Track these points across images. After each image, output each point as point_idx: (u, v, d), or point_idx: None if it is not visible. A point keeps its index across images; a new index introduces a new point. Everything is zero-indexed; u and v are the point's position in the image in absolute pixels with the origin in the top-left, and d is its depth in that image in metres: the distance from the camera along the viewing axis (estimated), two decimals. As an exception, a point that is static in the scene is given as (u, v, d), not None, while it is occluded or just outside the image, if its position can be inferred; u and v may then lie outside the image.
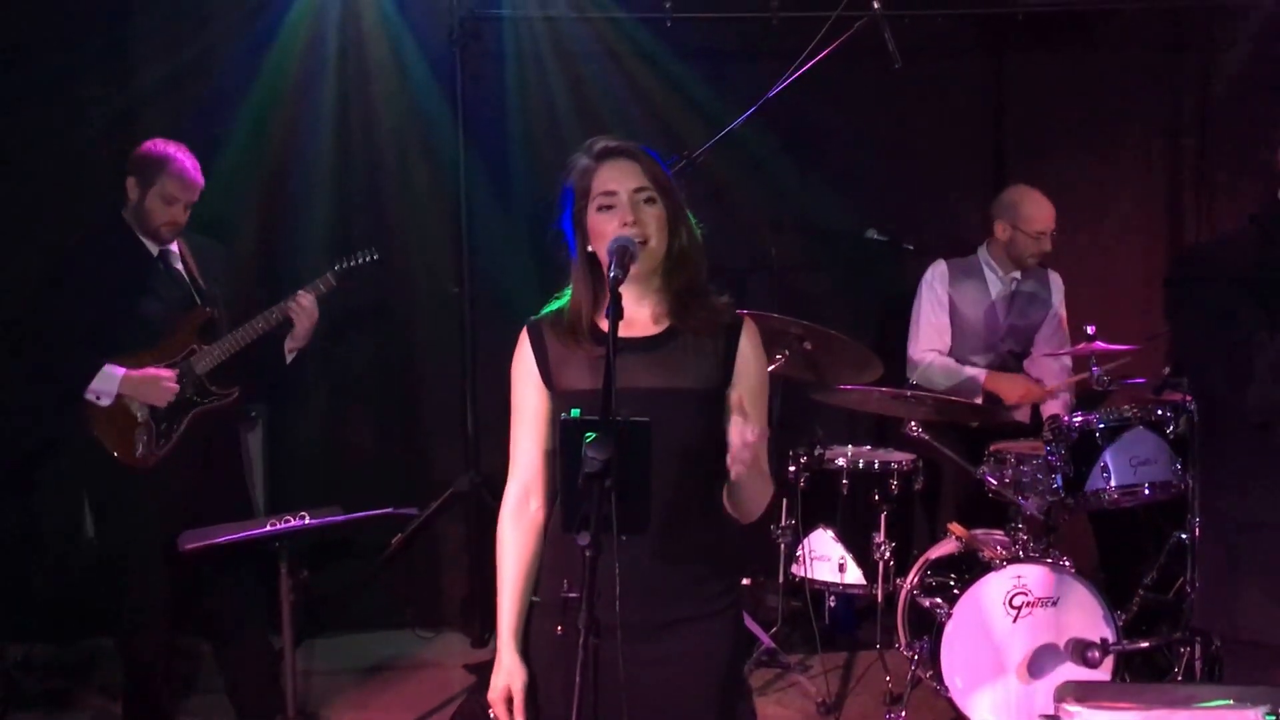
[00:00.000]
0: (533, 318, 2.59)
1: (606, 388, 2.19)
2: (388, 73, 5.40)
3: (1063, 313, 5.25)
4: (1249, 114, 5.46)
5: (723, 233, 2.60)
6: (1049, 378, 5.18)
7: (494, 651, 2.58)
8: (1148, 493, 4.27)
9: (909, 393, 4.50)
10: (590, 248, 2.51)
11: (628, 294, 2.39)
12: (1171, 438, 4.28)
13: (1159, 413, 4.30)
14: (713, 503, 2.52)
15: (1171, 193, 6.02)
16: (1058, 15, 5.65)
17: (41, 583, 5.21)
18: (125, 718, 4.32)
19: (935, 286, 5.19)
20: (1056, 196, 5.14)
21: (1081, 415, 4.36)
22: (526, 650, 2.54)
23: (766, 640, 4.76)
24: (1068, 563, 4.20)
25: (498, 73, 5.48)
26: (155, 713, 4.27)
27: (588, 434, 2.14)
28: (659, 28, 5.39)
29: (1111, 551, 5.10)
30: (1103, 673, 4.09)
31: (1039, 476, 4.39)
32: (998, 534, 4.49)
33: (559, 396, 2.52)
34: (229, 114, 5.08)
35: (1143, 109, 5.96)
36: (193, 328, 4.25)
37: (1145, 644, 4.32)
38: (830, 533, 4.72)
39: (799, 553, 4.74)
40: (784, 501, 4.75)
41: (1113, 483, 4.24)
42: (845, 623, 5.14)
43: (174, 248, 4.29)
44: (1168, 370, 4.45)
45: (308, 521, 3.70)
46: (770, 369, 4.25)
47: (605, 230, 2.45)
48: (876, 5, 4.39)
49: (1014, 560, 4.17)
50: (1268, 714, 2.35)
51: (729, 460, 2.26)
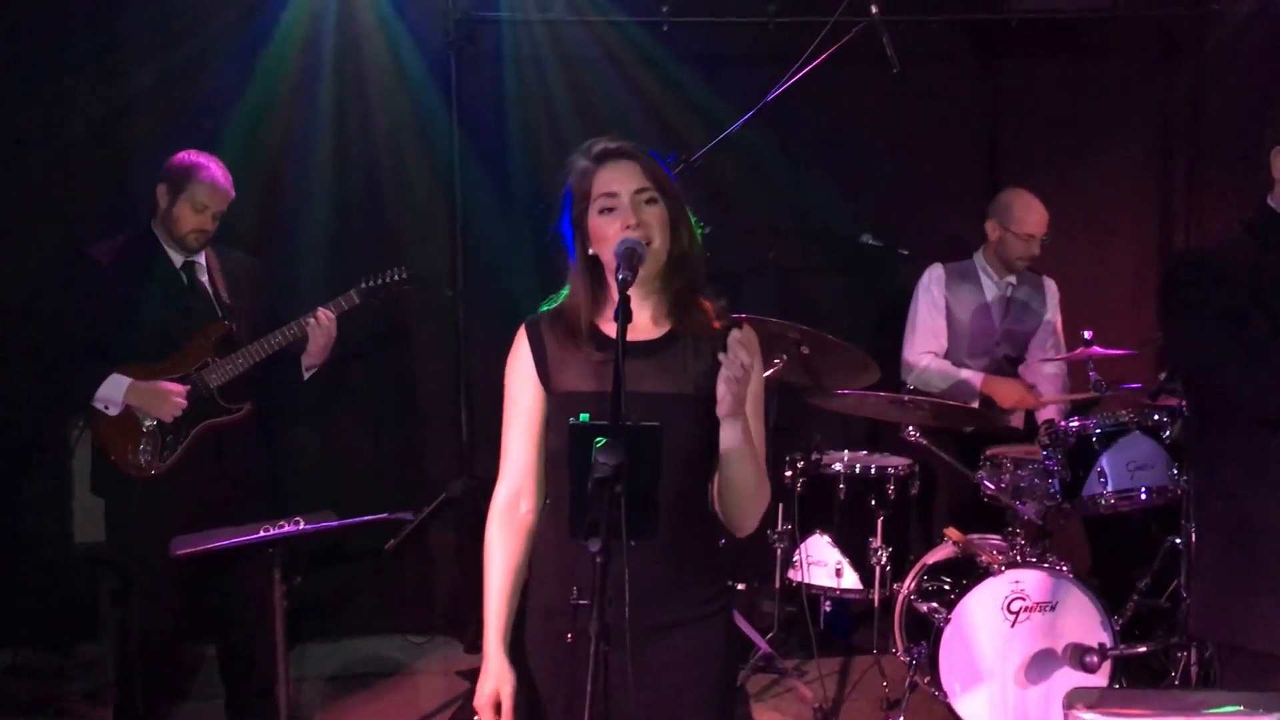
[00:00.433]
0: (531, 317, 2.57)
1: (616, 392, 2.17)
2: (384, 75, 5.36)
3: (1058, 319, 5.26)
4: (1239, 120, 5.49)
5: (720, 236, 2.59)
6: (1045, 384, 5.18)
7: (488, 657, 2.55)
8: (1144, 497, 4.26)
9: (906, 398, 4.49)
10: (591, 250, 2.49)
11: (628, 298, 2.35)
12: (1168, 442, 4.28)
13: (1155, 417, 4.30)
14: (707, 509, 2.51)
15: (1162, 198, 6.02)
16: (1050, 22, 5.65)
17: (29, 587, 5.14)
18: (115, 724, 4.27)
19: (931, 289, 5.19)
20: (1048, 201, 5.14)
21: (1078, 420, 4.36)
22: (518, 655, 2.52)
23: (763, 645, 4.75)
24: (1065, 568, 4.20)
25: (495, 75, 5.45)
26: (147, 721, 4.23)
27: (598, 439, 2.12)
28: (656, 31, 5.38)
29: (1104, 555, 5.12)
30: (1100, 678, 4.09)
31: (1036, 481, 4.40)
32: (993, 539, 4.50)
33: (556, 398, 2.50)
34: (223, 116, 5.03)
35: (1134, 115, 5.97)
36: (209, 341, 4.22)
37: (1143, 649, 4.32)
38: (827, 538, 4.70)
39: (795, 558, 4.73)
40: (780, 506, 4.73)
41: (1109, 487, 4.24)
42: (840, 628, 5.14)
43: (201, 259, 4.27)
44: (1163, 375, 4.46)
45: (302, 527, 3.61)
46: (768, 373, 4.25)
47: (607, 233, 2.44)
48: (875, 10, 4.39)
49: (1012, 565, 4.18)
50: (1278, 720, 2.34)
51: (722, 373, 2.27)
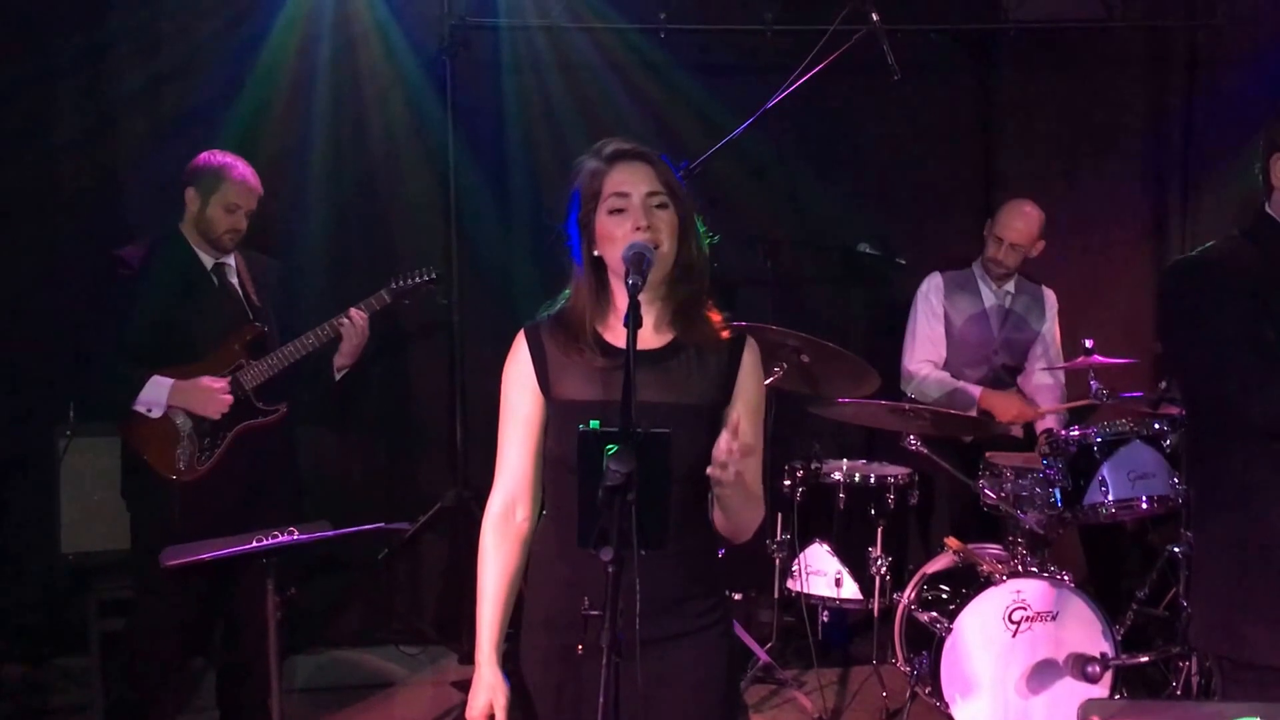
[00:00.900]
0: (530, 322, 2.54)
1: (626, 398, 2.14)
2: (380, 81, 5.34)
3: (1056, 329, 5.24)
4: (1234, 129, 5.48)
5: (717, 244, 2.57)
6: (1043, 393, 5.16)
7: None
8: (1145, 507, 4.26)
9: (907, 406, 4.47)
10: (596, 251, 2.46)
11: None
12: (1168, 451, 4.27)
13: (1156, 426, 4.30)
14: (706, 519, 2.49)
15: (1158, 207, 6.02)
16: (1047, 31, 5.66)
17: (13, 601, 5.07)
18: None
19: (930, 298, 5.18)
20: (1044, 209, 5.13)
21: (1079, 429, 4.35)
22: (512, 667, 2.49)
23: (762, 655, 4.72)
24: (1067, 577, 4.18)
25: (491, 82, 5.43)
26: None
27: (608, 446, 2.09)
28: (654, 39, 5.37)
29: (1099, 564, 5.10)
30: (1102, 688, 4.07)
31: (1037, 490, 4.38)
32: (993, 548, 4.47)
33: (556, 405, 2.47)
34: (213, 123, 4.97)
35: (1130, 124, 5.97)
36: (242, 343, 4.19)
37: (1145, 658, 4.30)
38: (826, 547, 4.68)
39: (794, 567, 4.70)
40: (779, 516, 4.70)
41: (1110, 496, 4.22)
42: (839, 637, 5.11)
43: (231, 261, 4.25)
44: (1164, 384, 4.45)
45: (297, 537, 3.55)
46: (768, 382, 4.22)
47: (615, 234, 2.40)
48: (875, 18, 4.38)
49: (1013, 575, 4.16)
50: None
51: (710, 469, 2.22)
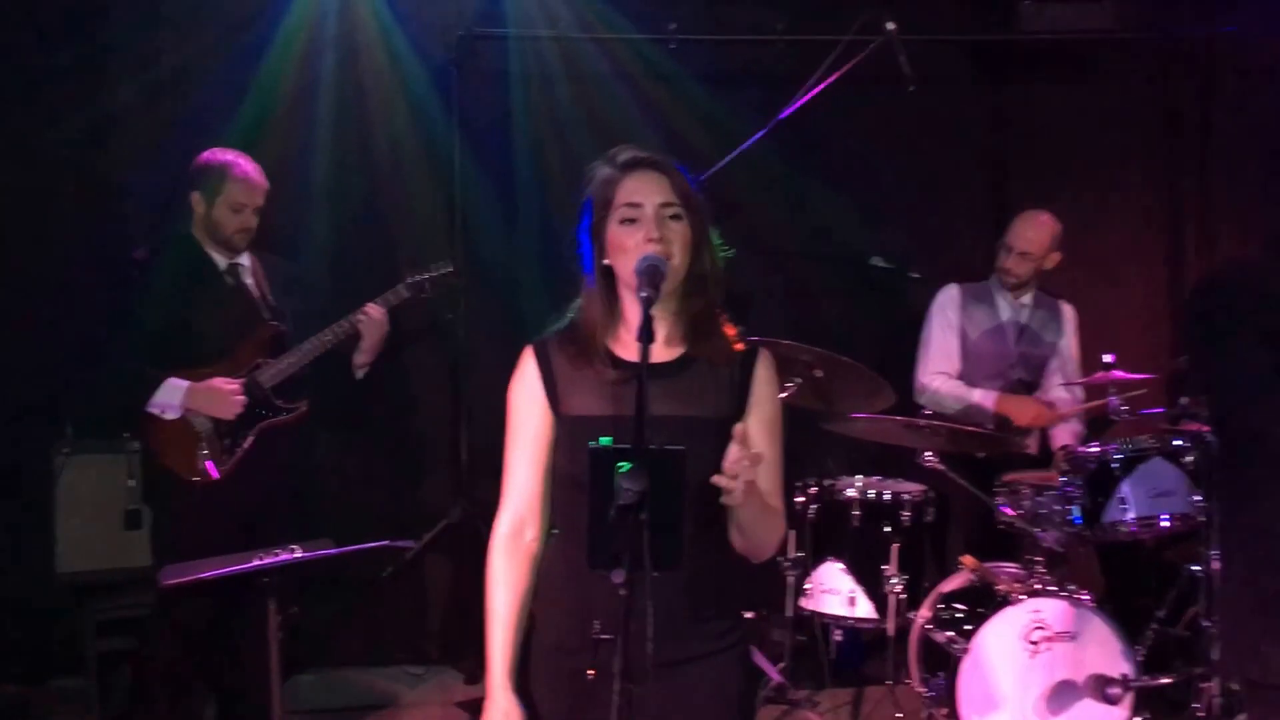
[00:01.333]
0: (538, 338, 2.48)
1: (639, 414, 2.09)
2: (385, 90, 5.29)
3: (1075, 344, 5.16)
4: (1250, 139, 5.43)
5: (732, 257, 2.51)
6: (1061, 408, 5.07)
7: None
8: (1166, 525, 4.18)
9: (922, 422, 4.39)
10: (606, 260, 2.40)
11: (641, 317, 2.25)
12: (1190, 469, 4.19)
13: (1176, 443, 4.22)
14: (722, 537, 2.42)
15: (1173, 220, 5.96)
16: (1059, 43, 5.60)
17: (8, 621, 5.00)
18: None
19: (946, 310, 5.10)
20: (1056, 229, 5.05)
21: (1098, 445, 4.28)
22: (524, 690, 2.43)
23: (775, 675, 4.63)
24: (1086, 597, 4.11)
25: (498, 92, 5.39)
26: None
27: (620, 464, 2.02)
28: (664, 49, 5.32)
29: (1116, 582, 5.00)
30: (1123, 709, 4.01)
31: (1055, 508, 4.30)
32: (1010, 566, 4.40)
33: (566, 421, 2.41)
34: (213, 132, 4.86)
35: (1144, 136, 5.91)
36: (260, 342, 4.18)
37: (1167, 680, 4.21)
38: (840, 565, 4.58)
39: (807, 586, 4.62)
40: (792, 533, 4.62)
41: (1131, 515, 4.15)
42: (852, 657, 5.02)
43: (245, 261, 4.23)
44: (1185, 400, 4.36)
45: (298, 555, 3.48)
46: (782, 397, 4.13)
47: (627, 244, 2.34)
48: (892, 27, 4.32)
49: (1031, 594, 4.08)
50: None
51: (717, 478, 2.16)
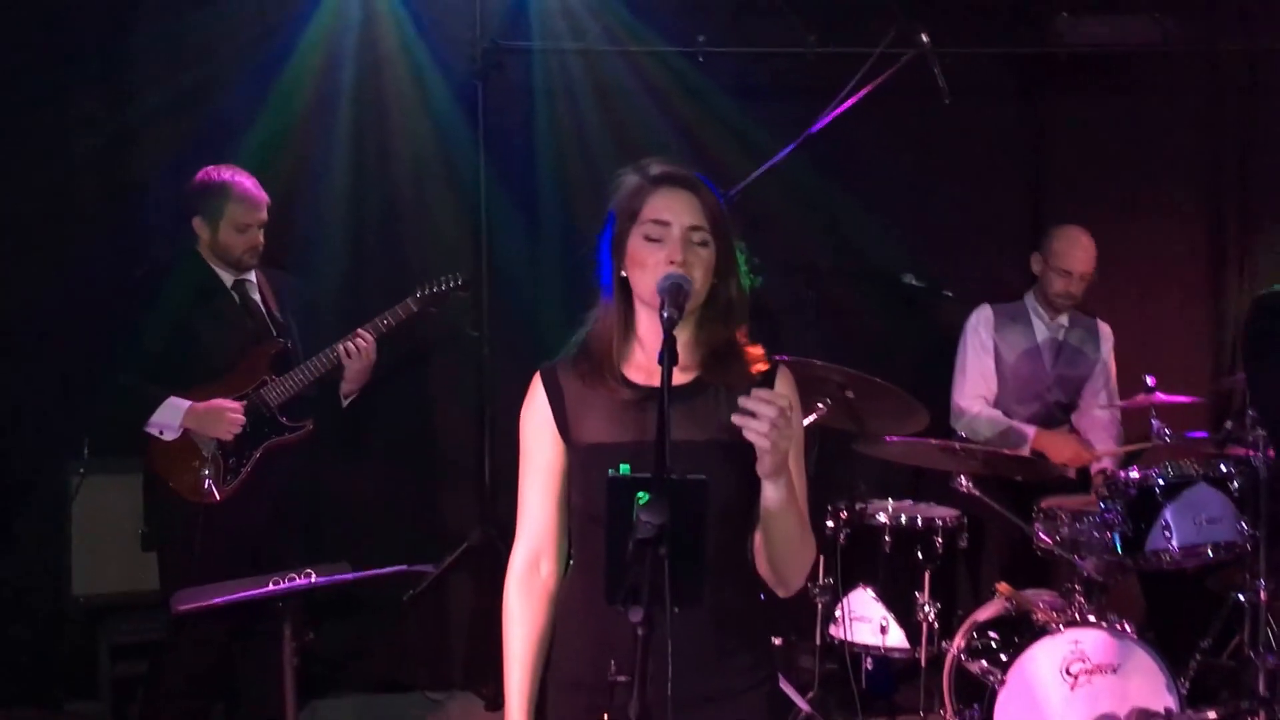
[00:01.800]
0: (547, 363, 2.38)
1: (660, 443, 1.98)
2: (407, 104, 5.22)
3: (1112, 364, 5.06)
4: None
5: (759, 285, 2.40)
6: (1099, 431, 4.97)
7: (510, 714, 2.36)
8: (1211, 554, 4.07)
9: (958, 445, 4.28)
10: (624, 273, 2.29)
11: (660, 337, 2.12)
12: (1236, 495, 4.08)
13: (1222, 468, 4.12)
14: (744, 567, 2.31)
15: (1214, 239, 5.84)
16: (1099, 56, 5.48)
17: (23, 644, 4.94)
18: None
19: (980, 331, 5.01)
20: (1095, 240, 4.96)
21: (1139, 470, 4.16)
22: None
23: (804, 706, 4.50)
24: (1128, 627, 3.98)
25: (523, 106, 5.33)
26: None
27: (639, 494, 1.91)
28: (692, 62, 5.24)
29: (1158, 610, 4.90)
30: (1166, 744, 3.86)
31: (1095, 535, 4.18)
32: (1046, 594, 4.27)
33: (578, 451, 2.30)
34: (234, 141, 4.87)
35: (1185, 152, 5.80)
36: (266, 359, 4.12)
37: (1213, 714, 4.08)
38: (870, 592, 4.48)
39: (837, 613, 4.50)
40: (821, 559, 4.50)
41: (1175, 542, 4.04)
42: (882, 686, 4.88)
43: (252, 277, 4.18)
44: (1230, 424, 4.24)
45: (314, 580, 3.38)
46: (811, 419, 4.04)
47: (647, 261, 2.23)
48: (926, 39, 4.22)
49: (1070, 624, 3.95)
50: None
51: (737, 417, 2.05)
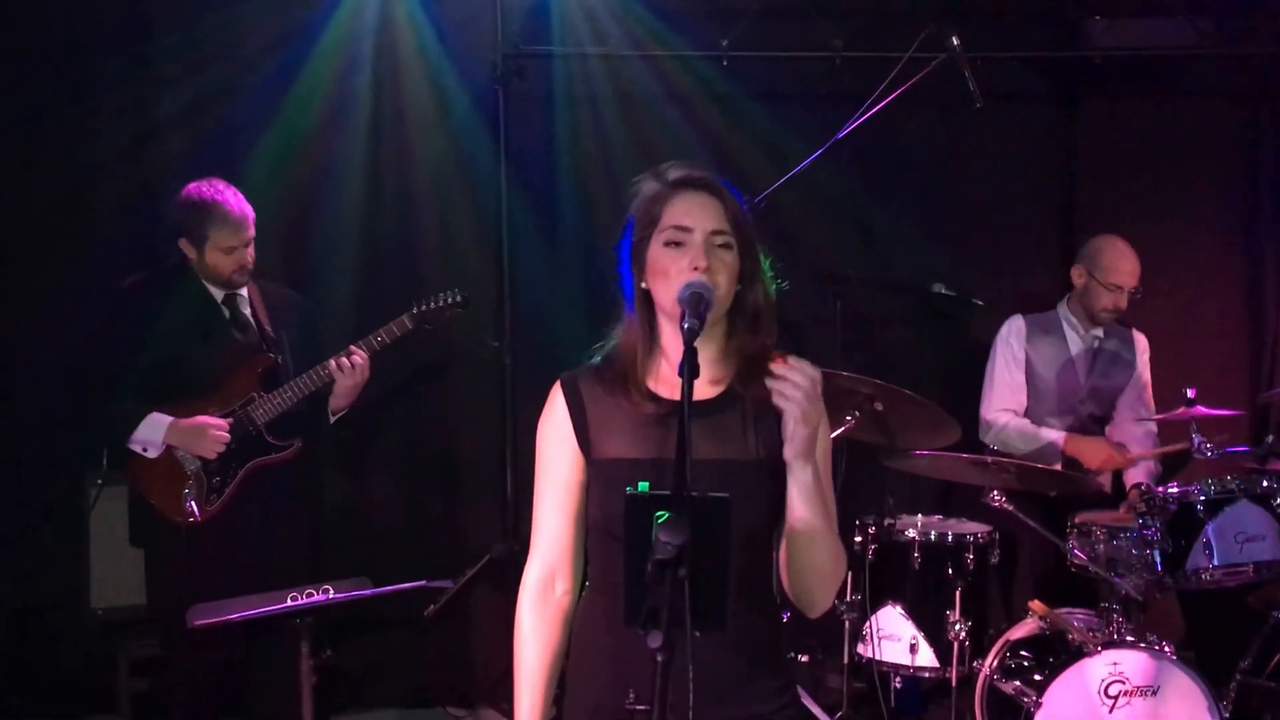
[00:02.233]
0: (567, 373, 2.30)
1: (680, 460, 1.89)
2: (426, 110, 5.17)
3: (1147, 376, 4.94)
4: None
5: (785, 290, 2.32)
6: (1133, 444, 4.84)
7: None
8: (1254, 574, 3.97)
9: (990, 459, 4.17)
10: (644, 284, 2.21)
11: (681, 350, 2.04)
12: (1278, 512, 3.97)
13: (1265, 484, 4.01)
14: (768, 589, 2.23)
15: (1253, 248, 5.70)
16: (1134, 59, 5.37)
17: (41, 657, 4.93)
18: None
19: (1011, 342, 4.90)
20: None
21: (1178, 486, 4.06)
22: None
23: (831, 727, 4.41)
24: (1168, 648, 3.87)
25: (545, 113, 5.27)
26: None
27: (659, 513, 1.83)
28: (716, 67, 5.17)
29: (1196, 629, 4.77)
30: (1209, 770, 3.76)
31: (1134, 552, 4.09)
32: (1082, 613, 4.18)
33: (597, 466, 2.22)
34: (252, 146, 4.87)
35: (1223, 159, 5.67)
36: (255, 374, 4.03)
37: (1256, 737, 3.96)
38: (899, 609, 4.38)
39: (865, 631, 4.41)
40: (849, 575, 4.39)
41: (1216, 561, 3.94)
42: (911, 706, 4.78)
43: (243, 292, 4.10)
44: (1271, 438, 4.13)
45: (333, 596, 3.32)
46: (839, 433, 3.95)
47: (669, 269, 2.15)
48: (956, 42, 4.13)
49: (1109, 644, 3.85)
50: None
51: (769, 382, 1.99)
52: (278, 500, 4.08)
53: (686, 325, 2.02)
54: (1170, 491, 4.02)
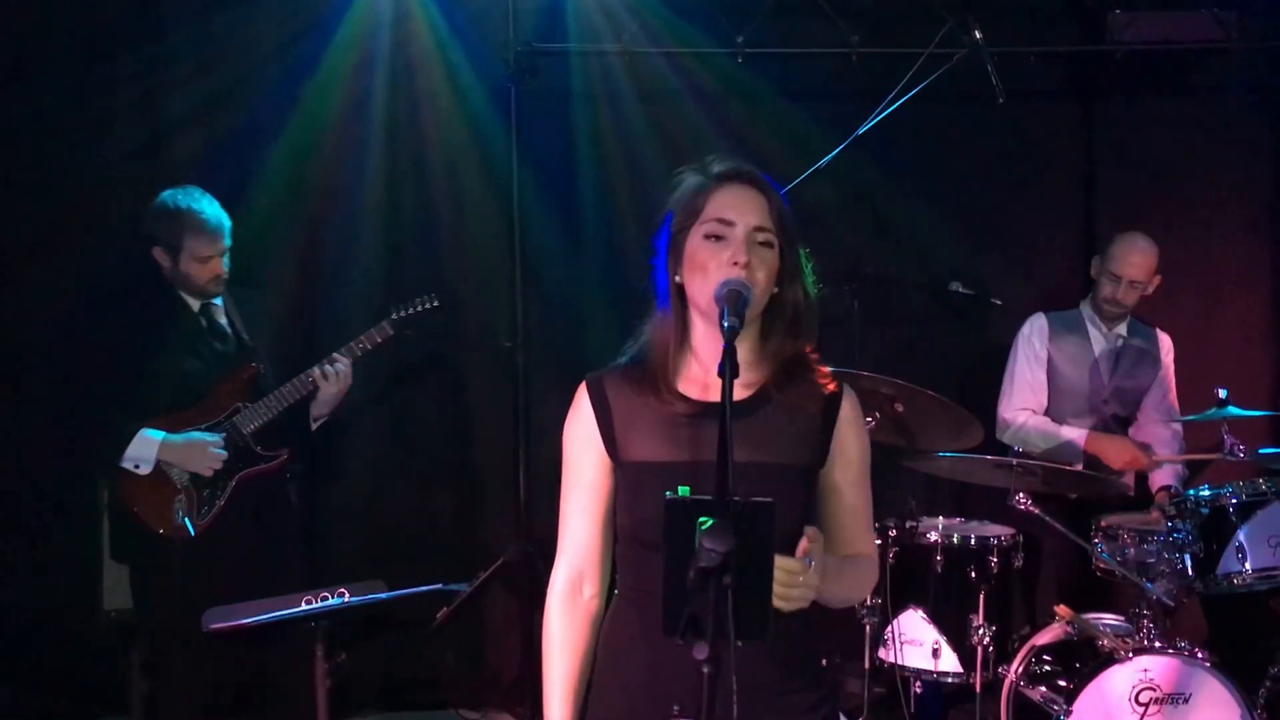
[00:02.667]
0: (594, 373, 2.24)
1: (722, 463, 1.84)
2: (441, 107, 5.15)
3: (1171, 377, 4.86)
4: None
5: (824, 292, 2.27)
6: (1159, 446, 4.76)
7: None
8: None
9: (1015, 461, 4.10)
10: (678, 278, 2.15)
11: (716, 349, 1.99)
12: (1312, 514, 3.91)
13: None
14: None
15: (1276, 247, 5.62)
16: (1158, 54, 5.28)
17: (53, 657, 4.90)
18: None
19: (1033, 341, 4.82)
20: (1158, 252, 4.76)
21: (1210, 488, 4.01)
22: None
23: (854, 732, 4.34)
24: (1201, 654, 3.80)
25: (560, 110, 5.23)
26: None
27: (701, 519, 1.76)
28: (732, 62, 5.11)
29: (1224, 633, 4.70)
30: (1242, 777, 3.70)
31: (1164, 556, 4.02)
32: (1109, 618, 4.12)
33: (625, 468, 2.17)
34: (266, 145, 4.84)
35: (1248, 156, 5.60)
36: (238, 384, 3.97)
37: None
38: (921, 613, 4.31)
39: (887, 635, 4.34)
40: (870, 579, 4.34)
41: (1249, 565, 3.91)
42: (932, 711, 4.72)
43: (218, 300, 4.03)
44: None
45: (348, 600, 3.27)
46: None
47: (707, 263, 2.09)
48: (979, 36, 4.06)
49: (1139, 650, 3.78)
50: None
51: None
52: (269, 509, 4.04)
53: (727, 324, 1.96)
54: (1202, 494, 3.99)
